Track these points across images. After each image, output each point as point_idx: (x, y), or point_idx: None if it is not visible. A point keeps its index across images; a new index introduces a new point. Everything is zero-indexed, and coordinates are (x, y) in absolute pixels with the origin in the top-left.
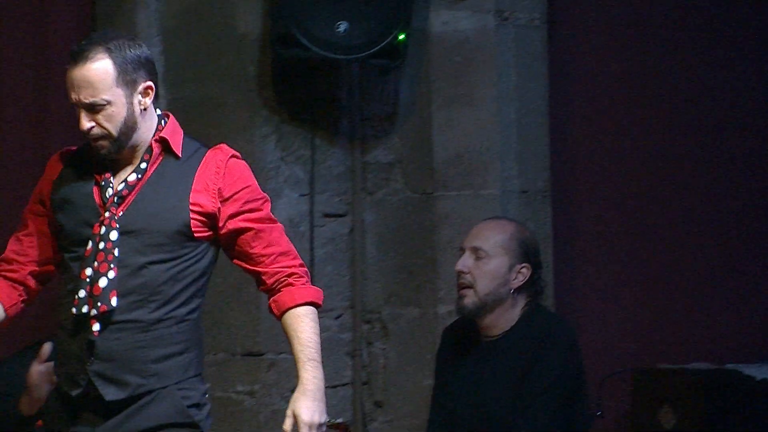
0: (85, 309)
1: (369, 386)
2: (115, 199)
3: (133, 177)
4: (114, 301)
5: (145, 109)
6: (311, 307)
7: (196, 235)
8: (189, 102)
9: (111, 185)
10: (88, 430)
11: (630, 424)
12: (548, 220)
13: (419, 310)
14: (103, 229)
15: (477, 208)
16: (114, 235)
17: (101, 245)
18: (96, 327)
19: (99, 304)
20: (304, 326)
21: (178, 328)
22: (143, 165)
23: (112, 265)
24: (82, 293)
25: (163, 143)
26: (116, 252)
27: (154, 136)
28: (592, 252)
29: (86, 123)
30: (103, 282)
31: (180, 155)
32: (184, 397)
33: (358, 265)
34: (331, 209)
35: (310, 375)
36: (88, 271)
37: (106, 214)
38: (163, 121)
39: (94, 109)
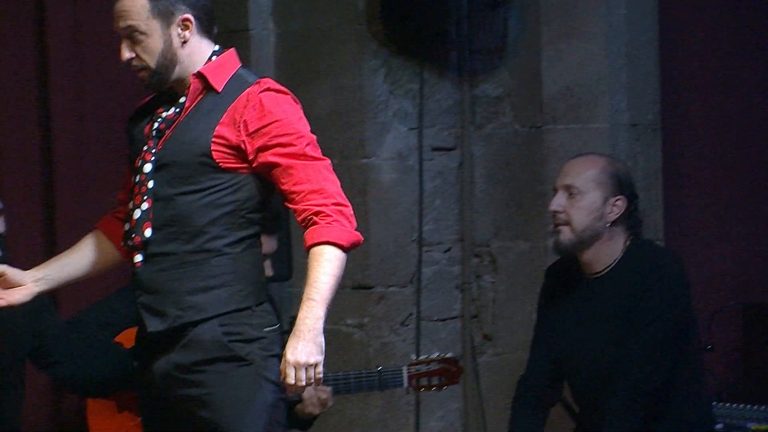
0: (129, 242)
1: (478, 319)
2: (154, 133)
3: (171, 111)
4: (148, 233)
5: (185, 42)
6: (329, 247)
7: (222, 166)
8: (298, 36)
9: (159, 120)
10: (141, 367)
11: (740, 358)
12: (658, 154)
13: (528, 243)
14: (140, 162)
15: (586, 142)
16: (147, 168)
17: (137, 178)
18: (137, 258)
19: (133, 235)
20: (314, 265)
21: (217, 261)
22: (182, 99)
23: (145, 197)
24: (127, 226)
25: (202, 78)
26: (150, 184)
27: None
28: (702, 185)
29: (126, 53)
30: (137, 214)
31: (220, 90)
32: (226, 332)
33: (467, 199)
34: (440, 143)
35: (303, 314)
36: (131, 204)
37: (144, 148)
38: (214, 56)
39: (132, 38)
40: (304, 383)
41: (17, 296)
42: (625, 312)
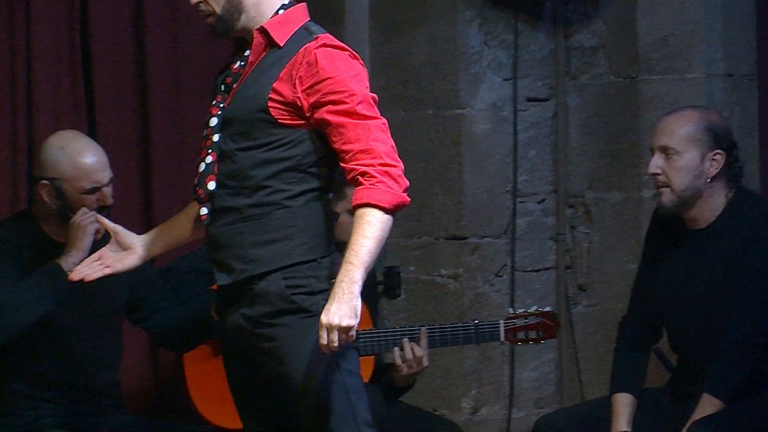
0: (194, 195)
1: (572, 270)
2: (222, 87)
3: (236, 66)
4: (211, 186)
5: None
6: (371, 209)
7: (280, 121)
8: None
9: (228, 74)
10: (220, 320)
11: None
12: (754, 104)
13: (623, 194)
14: (208, 115)
15: (681, 92)
16: (213, 122)
17: (204, 132)
18: (203, 211)
19: (197, 188)
20: (356, 227)
21: (279, 214)
22: (247, 53)
23: (209, 151)
24: (195, 180)
25: (264, 33)
26: (215, 138)
27: None
28: None
29: None
30: (201, 167)
31: (282, 45)
32: (289, 285)
33: (562, 150)
34: (535, 93)
35: (340, 278)
36: (198, 158)
37: (213, 102)
38: (282, 10)
39: None
40: (336, 345)
41: (126, 262)
42: (731, 265)
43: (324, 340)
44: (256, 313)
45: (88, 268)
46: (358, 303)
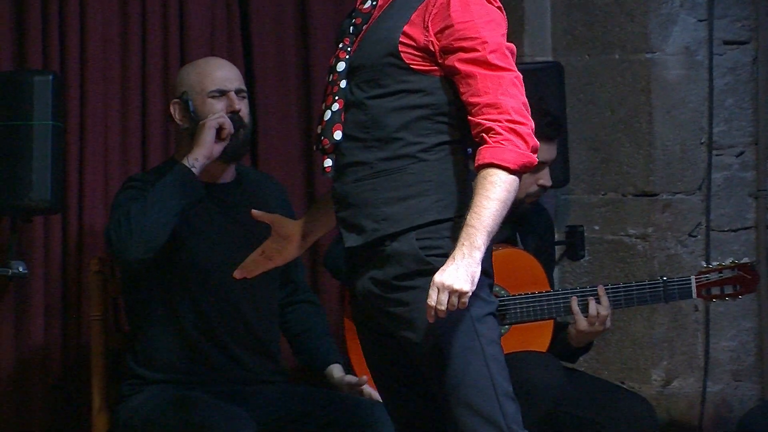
0: (319, 145)
1: None
2: (351, 29)
3: (367, 5)
4: (337, 135)
5: None
6: (495, 169)
7: (413, 67)
8: None
9: (356, 14)
10: (350, 286)
11: None
12: None
13: None
14: (334, 60)
15: None
16: (341, 66)
17: (330, 77)
18: (327, 162)
19: (322, 138)
20: (479, 189)
21: (413, 168)
22: None
23: (336, 98)
24: (318, 129)
25: None
26: (342, 84)
27: None
28: None
29: None
30: (327, 115)
31: None
32: (423, 246)
33: (763, 97)
34: (732, 36)
35: (461, 241)
36: (322, 106)
37: (339, 45)
38: None
39: None
40: (444, 308)
41: (286, 254)
42: None
43: (432, 301)
44: (387, 275)
45: (252, 264)
46: (477, 270)
